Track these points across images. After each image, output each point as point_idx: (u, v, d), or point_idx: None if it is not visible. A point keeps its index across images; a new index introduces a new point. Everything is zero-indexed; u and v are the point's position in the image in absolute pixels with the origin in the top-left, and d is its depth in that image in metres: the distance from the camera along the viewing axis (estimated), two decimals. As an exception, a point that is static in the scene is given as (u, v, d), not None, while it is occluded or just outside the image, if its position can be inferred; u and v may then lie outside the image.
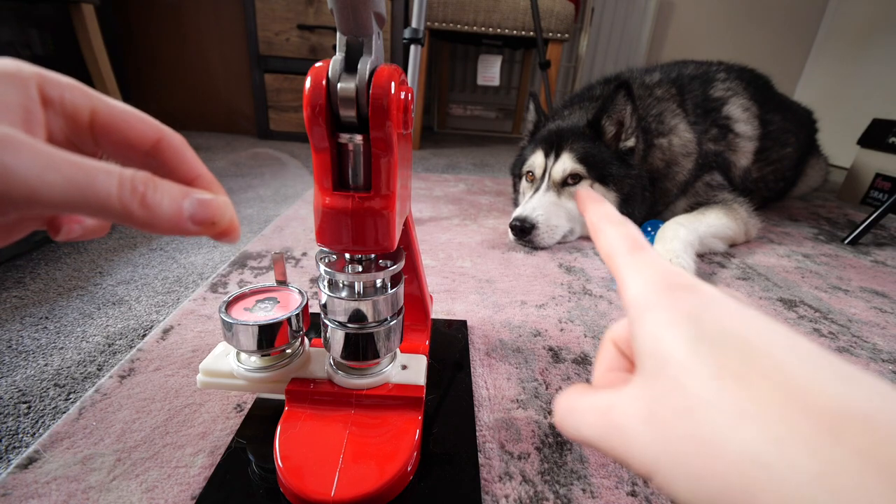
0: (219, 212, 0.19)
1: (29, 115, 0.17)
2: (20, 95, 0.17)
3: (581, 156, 0.85)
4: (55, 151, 0.15)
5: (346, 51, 0.26)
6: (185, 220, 0.18)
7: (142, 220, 0.16)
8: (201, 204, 0.18)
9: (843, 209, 1.30)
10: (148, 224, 0.17)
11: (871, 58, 1.95)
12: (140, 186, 0.16)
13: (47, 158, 0.14)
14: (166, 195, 0.17)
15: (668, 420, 0.13)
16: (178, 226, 0.18)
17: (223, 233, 0.19)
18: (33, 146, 0.14)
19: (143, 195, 0.16)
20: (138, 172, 0.16)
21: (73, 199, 0.15)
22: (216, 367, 0.35)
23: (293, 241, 0.80)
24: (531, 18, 1.56)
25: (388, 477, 0.29)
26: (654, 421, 0.14)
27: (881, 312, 0.67)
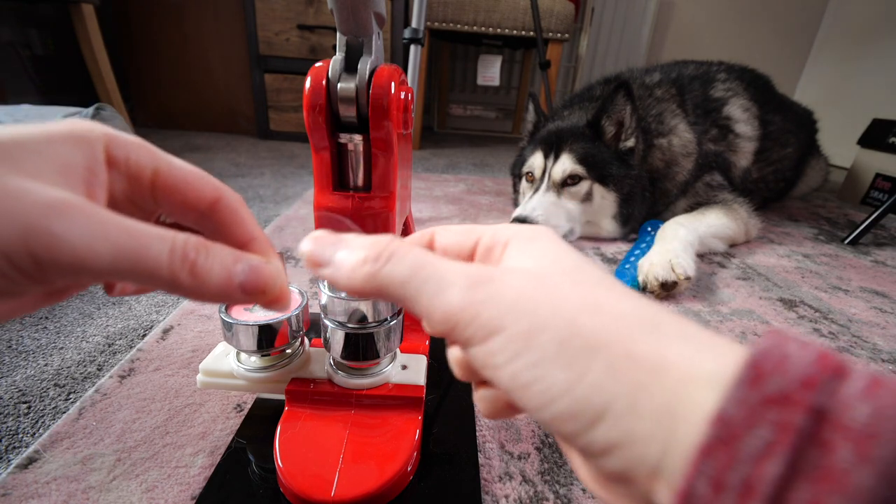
0: (270, 280, 0.18)
1: (92, 176, 0.17)
2: (86, 158, 0.17)
3: (581, 156, 0.85)
4: (109, 218, 0.15)
5: (346, 51, 0.26)
6: (235, 288, 0.17)
7: (190, 288, 0.16)
8: (252, 270, 0.17)
9: (843, 209, 1.30)
10: (196, 293, 0.16)
11: (871, 58, 1.95)
12: (192, 254, 0.16)
13: (99, 226, 0.14)
14: (217, 261, 0.17)
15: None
16: (228, 294, 0.17)
17: (272, 301, 0.19)
18: (87, 212, 0.14)
19: (194, 263, 0.16)
20: (190, 238, 0.16)
21: (122, 267, 0.15)
22: (216, 367, 0.35)
23: (293, 241, 0.80)
24: (531, 18, 1.56)
25: (388, 477, 0.29)
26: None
27: (881, 312, 0.67)
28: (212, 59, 1.80)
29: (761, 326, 0.61)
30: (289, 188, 1.16)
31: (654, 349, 0.13)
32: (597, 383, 0.13)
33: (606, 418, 0.13)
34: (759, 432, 0.11)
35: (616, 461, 0.13)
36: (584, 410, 0.13)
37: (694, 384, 0.12)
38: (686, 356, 0.13)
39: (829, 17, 2.18)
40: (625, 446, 0.13)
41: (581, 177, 0.85)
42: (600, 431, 0.13)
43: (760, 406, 0.11)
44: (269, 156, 1.53)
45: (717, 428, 0.11)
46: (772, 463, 0.10)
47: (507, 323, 0.15)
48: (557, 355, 0.14)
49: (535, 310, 0.15)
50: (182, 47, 1.78)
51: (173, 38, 1.76)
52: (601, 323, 0.14)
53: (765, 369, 0.11)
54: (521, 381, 0.14)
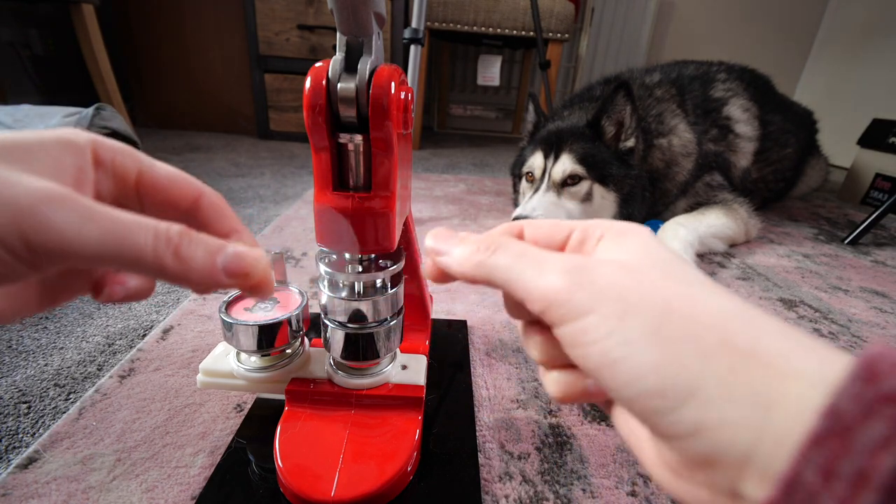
0: (253, 263, 0.19)
1: (81, 175, 0.18)
2: (75, 159, 0.18)
3: (581, 156, 0.85)
4: (95, 206, 0.16)
5: (346, 51, 0.26)
6: (219, 272, 0.18)
7: (175, 272, 0.17)
8: (235, 256, 0.18)
9: (843, 209, 1.30)
10: (181, 276, 0.17)
11: (871, 58, 1.95)
12: (175, 238, 0.17)
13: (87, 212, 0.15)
14: (201, 247, 0.18)
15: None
16: (212, 277, 0.18)
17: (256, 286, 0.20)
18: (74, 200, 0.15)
19: (178, 247, 0.17)
20: (173, 225, 0.17)
21: (108, 251, 0.15)
22: (216, 367, 0.35)
23: (293, 241, 0.80)
24: (531, 18, 1.56)
25: (388, 477, 0.29)
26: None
27: (881, 312, 0.67)
28: (212, 59, 1.80)
29: (761, 326, 0.61)
30: (289, 188, 1.16)
31: (750, 340, 0.14)
32: (688, 364, 0.14)
33: (695, 398, 0.13)
34: (875, 425, 0.11)
35: (703, 444, 0.13)
36: (672, 388, 0.14)
37: (794, 379, 0.13)
38: (785, 352, 0.13)
39: (829, 17, 2.18)
40: (714, 429, 0.13)
41: (581, 177, 0.85)
42: (688, 411, 0.13)
43: (876, 402, 0.11)
44: (269, 156, 1.53)
45: (830, 419, 0.11)
46: (889, 455, 0.10)
47: (600, 305, 0.15)
48: (650, 335, 0.14)
49: (627, 296, 0.15)
50: (182, 47, 1.78)
51: (173, 38, 1.76)
52: (694, 312, 0.15)
53: (880, 369, 0.12)
54: (610, 357, 0.15)
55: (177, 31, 1.75)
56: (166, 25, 1.74)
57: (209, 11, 1.73)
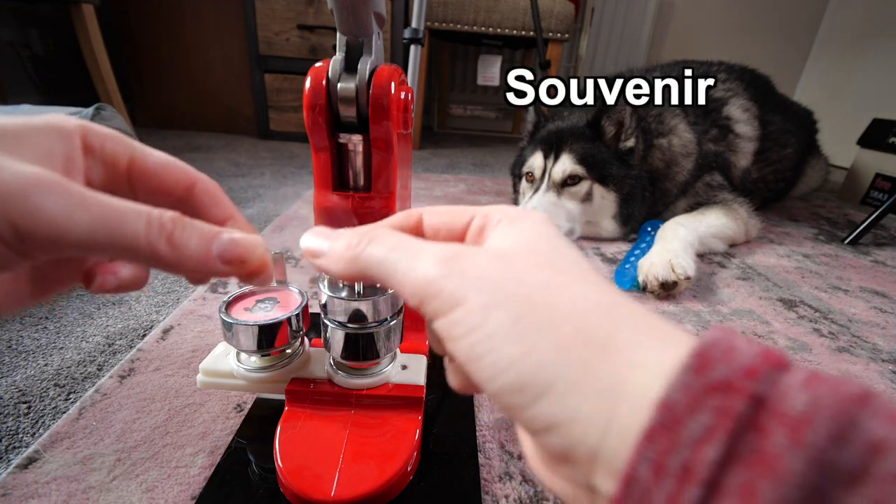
0: (249, 248, 0.18)
1: (70, 163, 0.18)
2: (64, 145, 0.18)
3: (580, 156, 0.85)
4: (86, 192, 0.15)
5: (346, 51, 0.26)
6: (214, 258, 0.17)
7: (169, 259, 0.16)
8: (231, 241, 0.18)
9: (843, 209, 1.30)
10: (176, 263, 0.17)
11: (871, 58, 1.95)
12: (168, 224, 0.16)
13: (78, 198, 0.15)
14: (195, 234, 0.17)
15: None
16: (207, 265, 0.17)
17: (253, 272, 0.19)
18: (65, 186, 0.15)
19: (171, 234, 0.16)
20: (166, 212, 0.17)
21: (100, 239, 0.15)
22: (216, 367, 0.35)
23: (293, 241, 0.80)
24: (531, 18, 1.56)
25: (388, 477, 0.29)
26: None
27: (881, 312, 0.67)
28: (212, 59, 1.80)
29: (761, 326, 0.61)
30: (289, 188, 1.16)
31: (604, 333, 0.14)
32: (544, 359, 0.13)
33: (550, 394, 0.13)
34: (700, 417, 0.11)
35: (556, 439, 0.13)
36: (529, 384, 0.13)
37: (640, 370, 0.13)
38: (635, 342, 0.13)
39: (829, 17, 2.18)
40: (565, 424, 0.13)
41: (581, 177, 0.85)
42: (543, 407, 0.13)
43: (704, 392, 0.11)
44: (269, 156, 1.53)
45: (662, 413, 0.11)
46: (710, 447, 0.10)
47: (469, 297, 0.15)
48: (510, 330, 0.14)
49: (495, 287, 0.15)
50: (182, 47, 1.78)
51: (173, 38, 1.76)
52: (556, 303, 0.15)
53: (711, 358, 0.12)
54: (475, 352, 0.15)
55: (177, 31, 1.75)
56: (166, 25, 1.74)
57: (209, 11, 1.73)
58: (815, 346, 0.57)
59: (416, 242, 0.17)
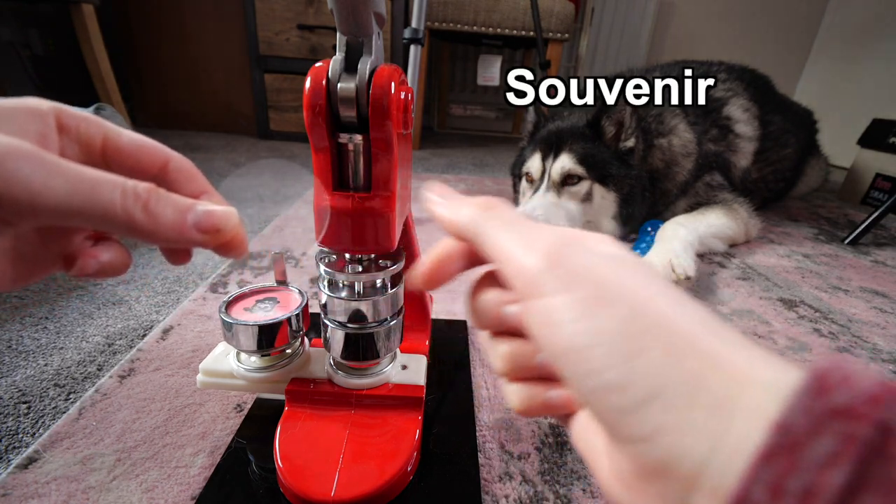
0: (224, 219, 0.19)
1: (44, 139, 0.18)
2: (38, 125, 0.18)
3: (580, 156, 0.85)
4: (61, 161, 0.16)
5: (346, 51, 0.26)
6: (189, 227, 0.18)
7: (145, 227, 0.17)
8: (206, 212, 0.18)
9: (843, 209, 1.30)
10: (152, 232, 0.17)
11: (871, 58, 1.95)
12: (143, 194, 0.17)
13: (54, 166, 0.15)
14: (170, 204, 0.18)
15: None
16: (183, 233, 0.18)
17: (229, 244, 0.20)
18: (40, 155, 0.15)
19: (146, 202, 0.17)
20: (140, 183, 0.17)
21: (77, 206, 0.15)
22: (216, 367, 0.35)
23: (293, 241, 0.80)
24: (531, 18, 1.56)
25: (388, 477, 0.29)
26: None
27: (881, 312, 0.67)
28: (212, 59, 1.80)
29: (761, 326, 0.61)
30: (289, 188, 1.16)
31: (717, 346, 0.14)
32: (656, 363, 0.13)
33: (658, 399, 0.13)
34: (823, 441, 0.11)
35: (658, 450, 0.13)
36: (636, 384, 0.13)
37: (753, 387, 0.12)
38: (748, 361, 0.13)
39: (829, 17, 2.18)
40: (672, 433, 0.12)
41: (581, 177, 0.85)
42: (649, 412, 0.13)
43: (825, 416, 0.11)
44: (269, 156, 1.53)
45: (779, 434, 0.11)
46: (836, 472, 0.10)
47: (580, 285, 0.15)
48: (622, 327, 0.14)
49: (604, 283, 0.15)
50: (182, 47, 1.78)
51: (173, 38, 1.76)
52: (668, 310, 0.14)
53: (830, 383, 0.11)
54: (578, 342, 0.14)
55: (177, 32, 1.75)
56: (166, 25, 1.74)
57: (209, 11, 1.73)
58: (816, 346, 0.57)
59: (532, 224, 0.18)
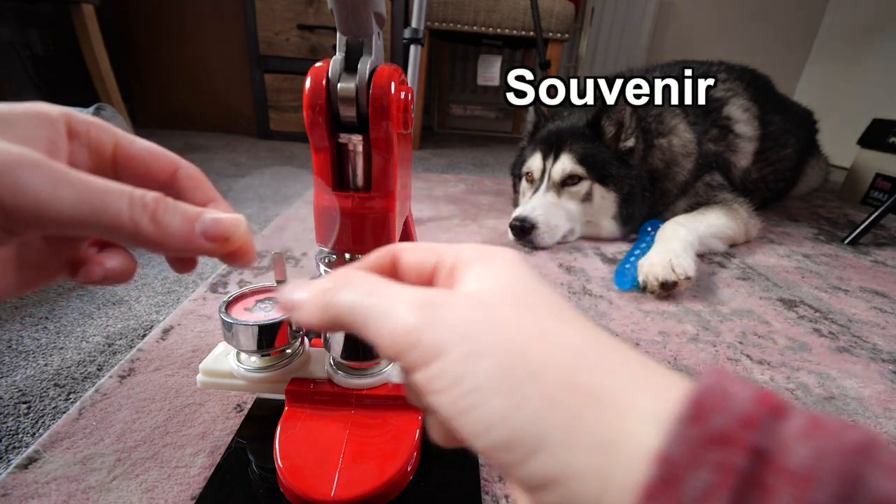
0: (232, 227, 0.19)
1: (53, 146, 0.18)
2: (48, 130, 0.18)
3: (580, 156, 0.85)
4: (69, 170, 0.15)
5: (346, 51, 0.26)
6: (197, 235, 0.18)
7: (153, 237, 0.17)
8: (214, 220, 0.18)
9: (843, 209, 1.30)
10: (159, 241, 0.17)
11: (871, 58, 1.95)
12: (151, 203, 0.17)
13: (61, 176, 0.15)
14: (178, 213, 0.17)
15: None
16: (191, 242, 0.18)
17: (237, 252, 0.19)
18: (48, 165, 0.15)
19: (154, 211, 0.17)
20: (148, 192, 0.17)
21: (84, 215, 0.15)
22: (216, 367, 0.35)
23: (293, 241, 0.80)
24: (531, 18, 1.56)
25: (388, 477, 0.29)
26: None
27: (881, 312, 0.67)
28: (212, 59, 1.80)
29: (761, 326, 0.61)
30: (289, 188, 1.16)
31: (595, 380, 0.13)
32: (534, 412, 0.13)
33: (543, 450, 0.12)
34: (700, 474, 0.10)
35: (553, 496, 0.12)
36: (520, 440, 0.13)
37: (634, 417, 0.12)
38: (628, 388, 0.13)
39: (829, 17, 2.18)
40: (561, 481, 0.12)
41: (581, 177, 0.85)
42: (537, 463, 0.12)
43: (702, 446, 0.11)
44: (269, 156, 1.53)
45: (661, 468, 0.11)
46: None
47: (449, 347, 0.14)
48: (496, 382, 0.13)
49: (478, 335, 0.14)
50: (182, 47, 1.78)
51: (173, 38, 1.76)
52: (542, 350, 0.14)
53: (706, 406, 0.11)
54: (459, 406, 0.14)
55: (177, 31, 1.75)
56: (166, 25, 1.74)
57: (209, 11, 1.73)
58: (815, 346, 0.57)
59: (392, 287, 0.16)
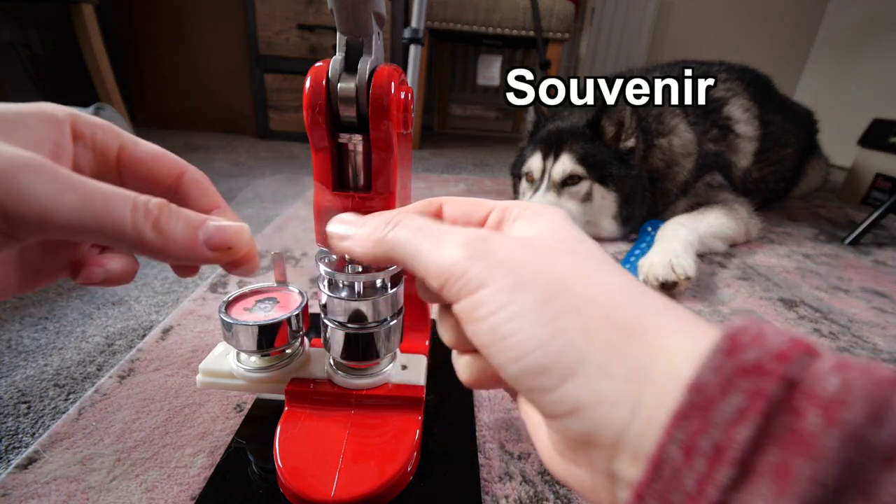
0: (236, 236, 0.19)
1: (58, 148, 0.18)
2: (53, 132, 0.18)
3: (581, 156, 0.85)
4: (73, 176, 0.15)
5: (346, 51, 0.26)
6: (200, 244, 0.18)
7: (155, 245, 0.17)
8: (218, 228, 0.18)
9: (844, 209, 1.30)
10: (162, 249, 0.17)
11: (871, 58, 1.95)
12: (154, 210, 0.17)
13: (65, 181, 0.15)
14: (181, 220, 0.17)
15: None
16: (194, 250, 0.18)
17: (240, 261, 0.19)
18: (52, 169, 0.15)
19: (157, 219, 0.17)
20: (152, 199, 0.17)
21: (86, 222, 0.15)
22: (216, 368, 0.35)
23: (293, 241, 0.80)
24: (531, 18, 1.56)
25: (388, 477, 0.29)
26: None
27: (881, 312, 0.67)
28: (212, 59, 1.80)
29: (761, 326, 0.61)
30: (289, 188, 1.16)
31: (632, 315, 0.14)
32: (571, 340, 0.14)
33: (576, 376, 0.13)
34: (732, 399, 0.11)
35: (580, 422, 0.13)
36: (555, 365, 0.13)
37: (669, 353, 0.13)
38: (664, 327, 0.14)
39: (829, 17, 2.18)
40: (591, 406, 0.13)
41: (581, 177, 0.85)
42: (569, 389, 0.13)
43: (735, 374, 0.11)
44: (269, 156, 1.53)
45: (693, 394, 0.11)
46: (743, 428, 0.10)
47: (495, 279, 0.15)
48: (537, 311, 0.14)
49: (522, 269, 0.15)
50: (182, 47, 1.78)
51: (173, 38, 1.76)
52: (584, 287, 0.15)
53: (741, 342, 0.12)
54: (499, 333, 0.15)
55: (177, 31, 1.75)
56: (166, 25, 1.74)
57: (209, 11, 1.72)
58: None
59: (441, 226, 0.18)
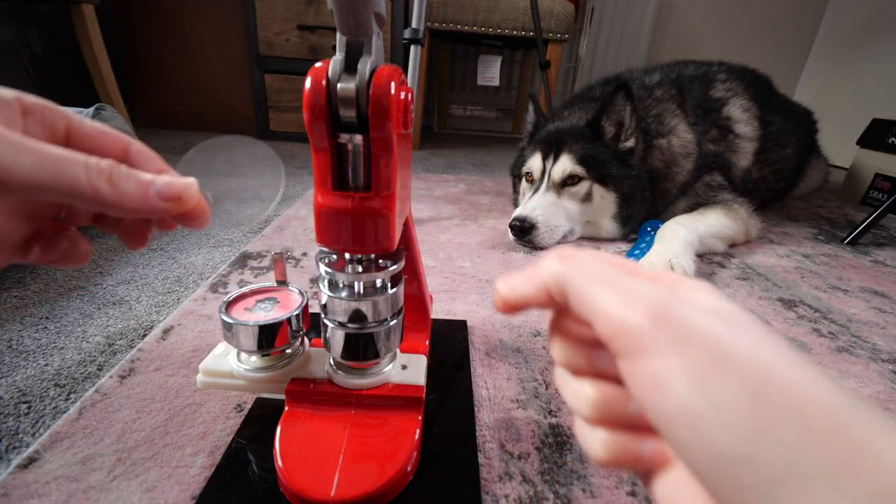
0: (184, 188, 0.20)
1: (9, 122, 0.19)
2: (3, 110, 0.19)
3: (580, 157, 0.85)
4: (27, 139, 0.17)
5: (346, 51, 0.26)
6: (153, 196, 0.19)
7: (111, 198, 0.18)
8: (167, 182, 0.20)
9: (843, 209, 1.30)
10: (118, 202, 0.18)
11: (871, 58, 1.95)
12: (106, 168, 0.18)
13: (21, 144, 0.16)
14: (132, 176, 0.19)
15: None
16: (147, 202, 0.19)
17: (191, 212, 0.21)
18: (8, 135, 0.16)
19: (110, 175, 0.18)
20: (103, 159, 0.18)
21: (44, 180, 0.17)
22: (216, 367, 0.35)
23: (293, 241, 0.80)
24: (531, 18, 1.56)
25: (388, 477, 0.29)
26: None
27: (881, 312, 0.67)
28: (212, 59, 1.80)
29: (761, 326, 0.61)
30: (289, 188, 1.16)
31: (862, 430, 0.12)
32: (793, 443, 0.12)
33: (797, 482, 0.12)
34: None
35: None
36: (767, 462, 0.12)
37: None
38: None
39: (828, 17, 2.18)
40: None
41: (581, 177, 0.85)
42: (784, 494, 0.12)
43: None
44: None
45: None
46: None
47: (692, 346, 0.14)
48: (746, 397, 0.13)
49: (723, 345, 0.14)
50: (182, 47, 1.78)
51: (174, 38, 1.76)
52: (795, 382, 0.13)
53: None
54: (693, 410, 0.13)
55: (177, 31, 1.75)
56: (167, 25, 1.74)
57: (209, 11, 1.72)
58: (815, 346, 0.57)
59: (623, 279, 0.16)
